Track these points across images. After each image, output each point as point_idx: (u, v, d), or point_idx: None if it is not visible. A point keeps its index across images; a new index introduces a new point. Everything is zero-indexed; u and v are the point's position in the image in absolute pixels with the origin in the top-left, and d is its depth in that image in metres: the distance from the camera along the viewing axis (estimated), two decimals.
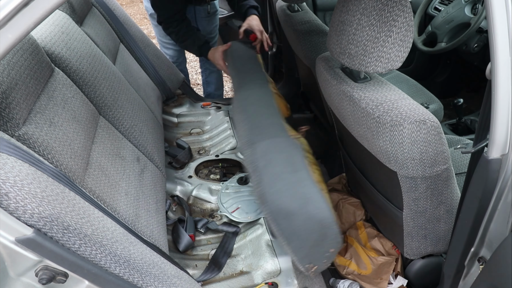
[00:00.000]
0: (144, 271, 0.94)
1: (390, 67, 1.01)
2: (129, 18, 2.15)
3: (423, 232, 1.19)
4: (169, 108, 2.29)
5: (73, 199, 0.86)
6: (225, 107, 2.32)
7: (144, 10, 5.99)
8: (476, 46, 2.04)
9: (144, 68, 2.12)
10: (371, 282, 1.38)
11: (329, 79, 1.22)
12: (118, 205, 1.14)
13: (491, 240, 0.94)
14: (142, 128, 1.54)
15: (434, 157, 0.99)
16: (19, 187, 0.72)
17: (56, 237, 0.76)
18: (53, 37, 1.30)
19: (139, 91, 1.78)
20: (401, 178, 1.06)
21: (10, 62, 0.97)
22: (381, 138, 1.02)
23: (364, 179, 1.38)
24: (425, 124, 0.95)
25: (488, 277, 0.91)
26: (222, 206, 1.63)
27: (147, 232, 1.21)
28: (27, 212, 0.73)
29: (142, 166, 1.41)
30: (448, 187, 1.09)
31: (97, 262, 0.83)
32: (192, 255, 1.44)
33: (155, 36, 2.50)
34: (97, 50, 1.54)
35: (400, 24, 0.96)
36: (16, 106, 0.92)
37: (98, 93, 1.35)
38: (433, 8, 2.37)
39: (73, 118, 1.13)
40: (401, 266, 1.40)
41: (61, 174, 0.92)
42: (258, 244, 1.42)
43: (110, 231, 0.92)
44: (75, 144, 1.07)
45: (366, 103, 1.05)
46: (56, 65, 1.25)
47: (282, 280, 1.32)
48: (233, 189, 1.71)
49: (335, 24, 1.10)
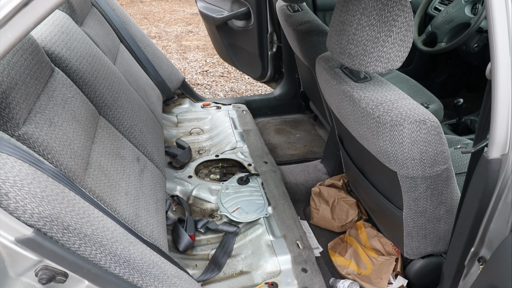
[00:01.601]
0: (144, 271, 0.94)
1: (390, 67, 1.01)
2: (129, 18, 2.16)
3: (423, 232, 1.19)
4: (169, 108, 2.29)
5: (73, 199, 0.86)
6: (225, 107, 2.33)
7: (144, 10, 6.00)
8: (476, 46, 2.04)
9: (144, 68, 2.12)
10: (371, 282, 1.38)
11: (329, 79, 1.22)
12: (118, 205, 1.14)
13: (491, 240, 0.94)
14: (142, 128, 1.54)
15: (434, 157, 0.99)
16: (19, 187, 0.72)
17: (56, 237, 0.76)
18: (53, 37, 1.30)
19: (139, 91, 1.78)
20: (401, 178, 1.06)
21: (10, 62, 0.96)
22: (381, 138, 1.02)
23: (364, 179, 1.38)
24: (425, 124, 0.95)
25: (488, 277, 0.91)
26: (222, 206, 1.63)
27: (147, 232, 1.21)
28: (27, 212, 0.73)
29: (142, 166, 1.41)
30: (448, 187, 1.09)
31: (97, 262, 0.83)
32: (192, 255, 1.44)
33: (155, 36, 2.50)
34: (97, 50, 1.54)
35: (400, 24, 0.96)
36: (16, 106, 0.92)
37: (98, 93, 1.35)
38: (433, 8, 2.37)
39: (73, 118, 1.13)
40: (401, 266, 1.40)
41: (61, 174, 0.92)
42: (258, 244, 1.42)
43: (110, 231, 0.92)
44: (75, 144, 1.07)
45: (366, 103, 1.05)
46: (56, 65, 1.25)
47: (282, 280, 1.32)
48: (233, 189, 1.71)
49: (335, 24, 1.09)
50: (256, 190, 1.71)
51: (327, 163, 1.97)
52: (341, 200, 1.62)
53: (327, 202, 1.65)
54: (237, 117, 2.20)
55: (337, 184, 1.72)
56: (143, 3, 6.42)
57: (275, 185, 1.72)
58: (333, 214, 1.62)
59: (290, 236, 1.46)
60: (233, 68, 3.79)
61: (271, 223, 1.51)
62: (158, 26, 5.34)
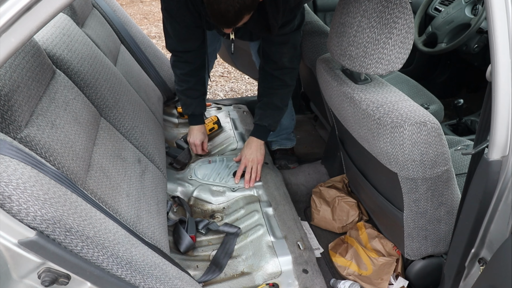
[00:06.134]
0: (145, 273, 0.94)
1: (390, 68, 1.01)
2: (130, 19, 2.16)
3: (423, 233, 1.20)
4: (169, 108, 2.29)
5: (75, 201, 0.87)
6: (225, 108, 2.32)
7: (144, 10, 6.00)
8: (476, 47, 2.05)
9: (145, 69, 2.13)
10: (371, 283, 1.39)
11: (329, 80, 1.22)
12: (120, 207, 1.15)
13: (491, 241, 0.95)
14: (143, 129, 1.54)
15: (435, 158, 1.00)
16: (21, 189, 0.73)
17: (59, 239, 0.77)
18: (55, 39, 1.30)
19: (140, 92, 1.78)
20: (402, 179, 1.07)
21: (12, 65, 0.97)
22: (381, 140, 1.02)
23: (364, 180, 1.38)
24: (425, 125, 0.95)
25: (489, 278, 0.91)
26: (196, 177, 1.75)
27: (149, 233, 1.21)
28: (30, 215, 0.73)
29: (143, 167, 1.41)
30: (448, 188, 1.09)
31: (99, 264, 0.84)
32: (193, 256, 1.44)
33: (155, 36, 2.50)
34: (98, 52, 1.54)
35: (401, 26, 0.96)
36: (18, 108, 0.92)
37: (99, 95, 1.36)
38: (433, 9, 2.37)
39: (74, 120, 1.13)
40: (401, 267, 1.40)
41: (63, 176, 0.92)
42: (259, 245, 1.42)
43: (112, 233, 0.92)
44: (76, 146, 1.08)
45: (366, 105, 1.05)
46: (57, 67, 1.25)
47: (283, 281, 1.32)
48: (204, 162, 1.84)
49: (336, 26, 1.10)
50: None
51: (327, 164, 1.97)
52: (341, 201, 1.63)
53: (328, 203, 1.65)
54: (237, 118, 2.20)
55: (337, 185, 1.72)
56: (143, 3, 6.42)
57: (275, 186, 1.72)
58: (334, 215, 1.63)
59: (291, 237, 1.46)
60: (233, 68, 3.79)
61: (272, 224, 1.52)
62: (158, 26, 5.34)
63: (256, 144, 1.74)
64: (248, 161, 1.72)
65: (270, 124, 1.72)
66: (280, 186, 1.73)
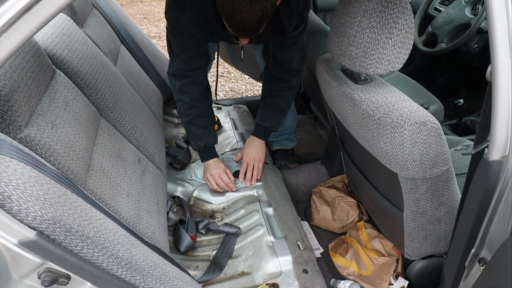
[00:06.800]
0: (145, 273, 0.94)
1: (390, 69, 1.01)
2: (130, 19, 2.16)
3: (423, 233, 1.20)
4: (169, 108, 2.29)
5: (75, 201, 0.87)
6: (225, 108, 2.32)
7: (144, 10, 6.01)
8: (477, 47, 2.05)
9: (145, 69, 2.13)
10: (371, 283, 1.39)
11: (329, 80, 1.22)
12: (120, 207, 1.15)
13: (491, 241, 0.95)
14: (143, 129, 1.55)
15: (435, 158, 1.00)
16: (21, 189, 0.73)
17: (59, 239, 0.77)
18: (55, 39, 1.30)
19: (140, 92, 1.78)
20: (402, 179, 1.07)
21: (12, 65, 0.97)
22: (381, 140, 1.03)
23: (364, 180, 1.38)
24: (425, 126, 0.95)
25: (489, 278, 0.91)
26: (196, 177, 1.76)
27: (149, 233, 1.21)
28: (30, 215, 0.73)
29: (143, 167, 1.41)
30: (448, 188, 1.09)
31: (99, 264, 0.84)
32: (193, 256, 1.44)
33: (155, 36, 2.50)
34: (98, 52, 1.54)
35: (401, 26, 0.96)
36: (18, 108, 0.92)
37: (99, 95, 1.36)
38: (433, 9, 2.37)
39: (74, 120, 1.13)
40: (401, 267, 1.40)
41: (63, 176, 0.92)
42: (259, 245, 1.42)
43: (112, 233, 0.92)
44: (76, 146, 1.08)
45: (366, 105, 1.05)
46: (57, 67, 1.25)
47: (283, 281, 1.32)
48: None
49: (336, 26, 1.10)
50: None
51: (327, 164, 1.97)
52: (341, 201, 1.63)
53: (328, 203, 1.65)
54: (237, 118, 2.20)
55: (337, 185, 1.72)
56: (143, 3, 6.42)
57: (275, 186, 1.72)
58: (334, 215, 1.63)
59: (291, 237, 1.46)
60: (233, 68, 3.79)
61: (272, 224, 1.52)
62: (158, 26, 5.34)
63: (258, 143, 1.75)
64: (250, 159, 1.72)
65: (271, 125, 1.72)
66: (280, 186, 1.73)
